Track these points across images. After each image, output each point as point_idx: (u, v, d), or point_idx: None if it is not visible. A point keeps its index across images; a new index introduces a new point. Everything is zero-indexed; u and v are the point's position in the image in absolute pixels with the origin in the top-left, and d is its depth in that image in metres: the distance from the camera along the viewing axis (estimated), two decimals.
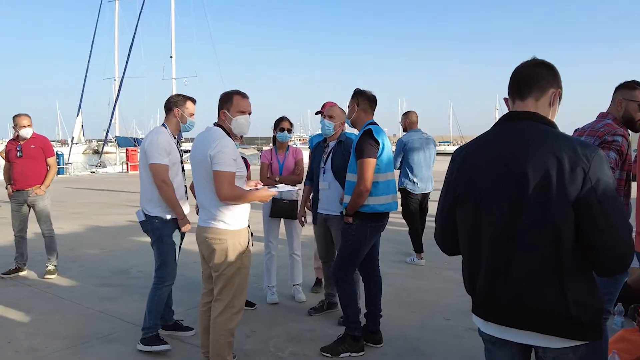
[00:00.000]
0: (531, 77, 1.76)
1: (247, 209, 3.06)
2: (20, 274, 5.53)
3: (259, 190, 3.07)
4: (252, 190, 3.05)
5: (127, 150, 25.84)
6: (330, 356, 3.47)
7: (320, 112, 4.57)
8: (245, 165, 3.20)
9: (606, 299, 2.42)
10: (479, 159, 1.77)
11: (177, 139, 3.79)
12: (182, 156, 3.82)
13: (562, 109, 1.83)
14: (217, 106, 3.08)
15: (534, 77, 1.76)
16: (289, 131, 4.71)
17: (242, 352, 3.51)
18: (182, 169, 3.75)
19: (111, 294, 4.89)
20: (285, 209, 4.56)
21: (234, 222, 2.95)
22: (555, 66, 1.79)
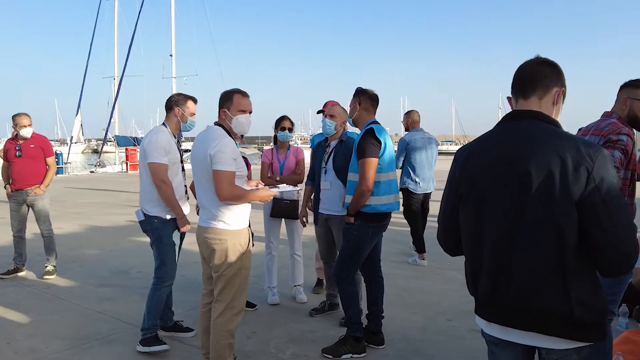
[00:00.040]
0: (534, 76, 1.74)
1: (247, 209, 3.04)
2: (19, 274, 5.52)
3: (259, 190, 3.05)
4: (253, 190, 3.02)
5: (126, 149, 25.84)
6: (331, 357, 3.45)
7: (321, 111, 4.55)
8: (246, 164, 3.18)
9: (610, 299, 2.40)
10: (481, 158, 1.75)
11: (177, 138, 3.77)
12: (182, 156, 3.80)
13: (566, 108, 1.83)
14: (218, 105, 3.06)
15: (538, 75, 1.74)
16: (290, 130, 4.69)
17: (243, 353, 3.49)
18: (182, 168, 3.74)
19: (110, 295, 4.88)
20: (286, 209, 4.54)
21: (234, 222, 2.93)
22: (558, 64, 1.77)
